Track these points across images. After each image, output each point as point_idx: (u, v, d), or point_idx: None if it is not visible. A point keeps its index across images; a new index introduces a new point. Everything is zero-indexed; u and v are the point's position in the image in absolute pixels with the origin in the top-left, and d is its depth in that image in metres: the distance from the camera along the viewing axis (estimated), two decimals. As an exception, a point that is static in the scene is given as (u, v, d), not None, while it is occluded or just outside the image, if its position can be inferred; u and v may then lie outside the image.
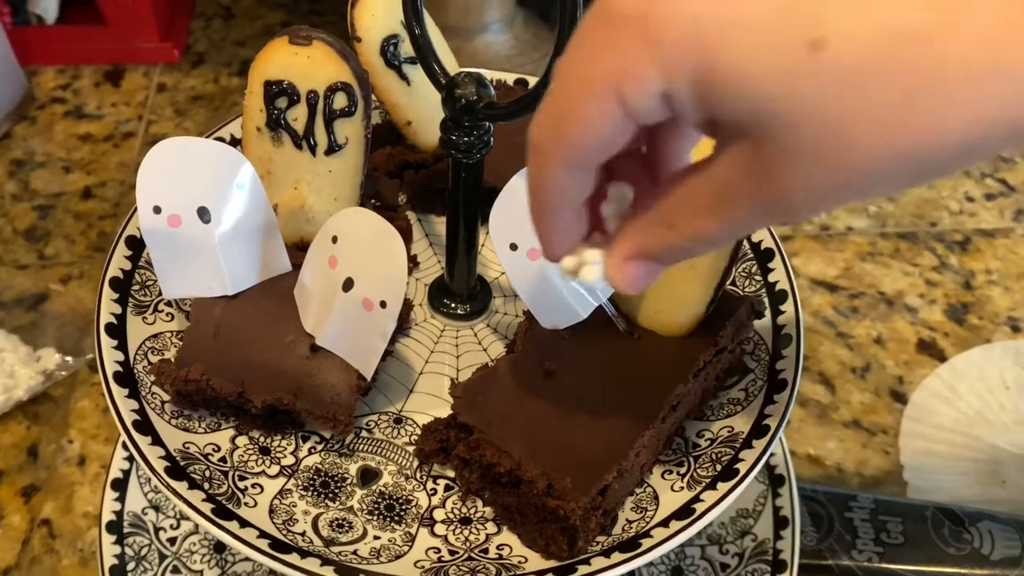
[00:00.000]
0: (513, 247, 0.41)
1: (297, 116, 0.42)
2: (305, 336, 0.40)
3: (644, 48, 0.24)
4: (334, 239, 0.38)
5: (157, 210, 0.39)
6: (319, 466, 0.40)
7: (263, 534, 0.36)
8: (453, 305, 0.46)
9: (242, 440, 0.40)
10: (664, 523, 0.37)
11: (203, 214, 0.40)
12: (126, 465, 0.56)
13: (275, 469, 0.40)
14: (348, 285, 0.38)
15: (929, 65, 0.21)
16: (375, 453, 0.41)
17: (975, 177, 0.85)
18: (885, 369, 0.70)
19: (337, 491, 0.39)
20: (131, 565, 0.53)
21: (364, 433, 0.41)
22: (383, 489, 0.40)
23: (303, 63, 0.41)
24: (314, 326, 0.40)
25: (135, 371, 0.41)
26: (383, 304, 0.37)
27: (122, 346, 0.41)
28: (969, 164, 0.23)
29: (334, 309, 0.38)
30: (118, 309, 0.43)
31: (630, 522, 0.38)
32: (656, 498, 0.39)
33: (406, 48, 0.47)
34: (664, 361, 0.41)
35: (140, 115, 0.88)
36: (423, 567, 0.36)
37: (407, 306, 0.46)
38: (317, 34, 0.41)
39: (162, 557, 0.54)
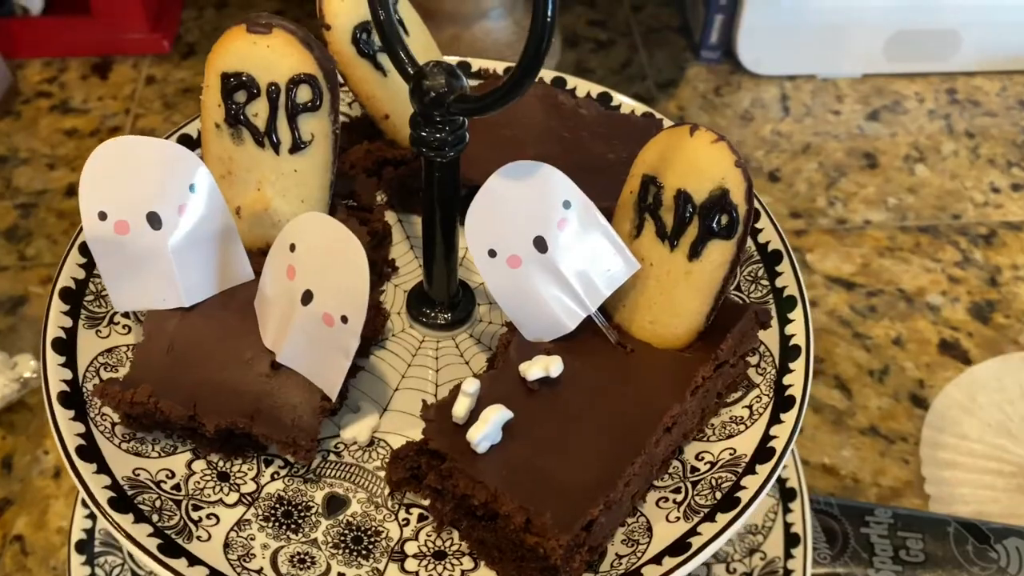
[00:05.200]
0: (492, 253, 0.37)
1: (258, 111, 0.38)
2: (265, 352, 0.37)
3: None
4: (292, 247, 0.35)
5: (103, 216, 0.36)
6: (282, 493, 0.37)
7: (214, 572, 0.33)
8: (433, 314, 0.43)
9: (199, 464, 0.37)
10: (657, 559, 0.34)
11: (153, 220, 0.36)
12: (96, 481, 0.53)
13: (234, 497, 0.36)
14: (307, 298, 0.34)
15: None
16: (343, 479, 0.37)
17: (1000, 166, 0.80)
18: (905, 372, 0.66)
19: (300, 522, 0.36)
20: (101, 587, 0.50)
21: (332, 457, 0.38)
22: (351, 519, 0.36)
23: (262, 53, 0.38)
24: (274, 341, 0.37)
25: (84, 390, 0.38)
26: (344, 319, 0.34)
27: (71, 363, 0.38)
28: None
29: (293, 323, 0.35)
30: (68, 322, 0.39)
31: (620, 557, 0.35)
32: (650, 529, 0.35)
33: (381, 36, 0.44)
34: (659, 377, 0.37)
35: (128, 109, 0.85)
36: (391, 608, 0.33)
37: (383, 316, 0.42)
38: (278, 21, 0.38)
39: (135, 577, 0.51)
